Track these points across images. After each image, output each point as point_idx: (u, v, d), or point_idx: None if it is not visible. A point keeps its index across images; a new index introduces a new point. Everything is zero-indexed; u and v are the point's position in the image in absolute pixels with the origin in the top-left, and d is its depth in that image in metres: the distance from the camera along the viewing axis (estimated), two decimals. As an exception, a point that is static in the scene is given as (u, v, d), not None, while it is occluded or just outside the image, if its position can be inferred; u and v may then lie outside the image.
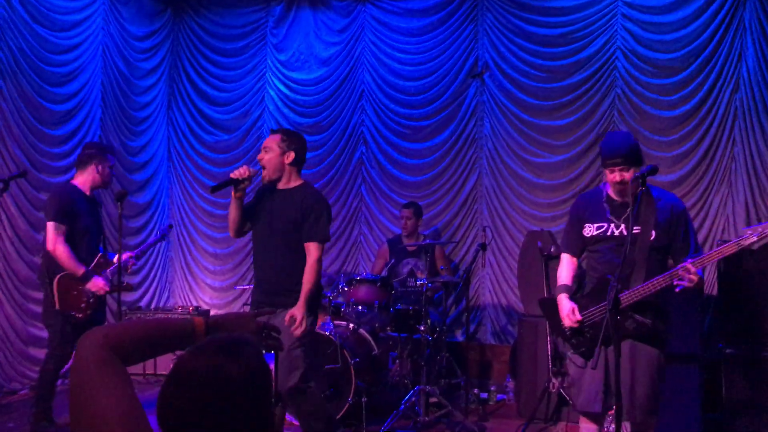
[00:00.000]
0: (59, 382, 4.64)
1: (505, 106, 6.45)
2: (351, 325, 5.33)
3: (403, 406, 4.84)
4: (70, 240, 4.43)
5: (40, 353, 5.82)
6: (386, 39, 6.93)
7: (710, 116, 5.81)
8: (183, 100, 7.68)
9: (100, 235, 4.73)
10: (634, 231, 3.31)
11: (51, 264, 4.41)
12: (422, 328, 5.08)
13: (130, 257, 4.78)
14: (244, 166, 3.78)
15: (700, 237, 5.77)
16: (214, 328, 1.66)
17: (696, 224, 5.80)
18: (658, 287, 3.33)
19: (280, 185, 3.91)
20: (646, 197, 3.35)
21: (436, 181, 6.71)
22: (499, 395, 5.73)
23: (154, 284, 7.45)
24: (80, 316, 4.44)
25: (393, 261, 5.85)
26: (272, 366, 3.68)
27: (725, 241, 3.60)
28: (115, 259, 4.63)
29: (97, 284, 4.47)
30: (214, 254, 7.51)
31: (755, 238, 3.21)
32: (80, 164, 4.65)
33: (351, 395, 4.73)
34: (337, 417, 4.73)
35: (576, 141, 6.23)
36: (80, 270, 4.41)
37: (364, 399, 4.79)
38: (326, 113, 7.14)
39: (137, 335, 1.52)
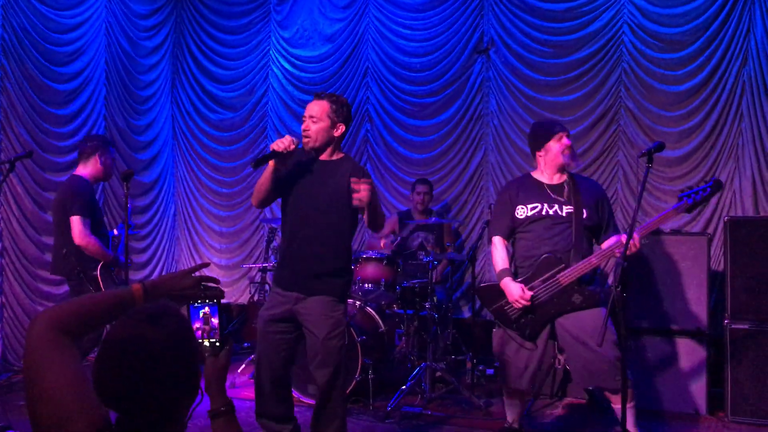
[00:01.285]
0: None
1: (511, 82, 6.40)
2: (357, 302, 5.35)
3: (409, 383, 4.88)
4: (92, 231, 4.49)
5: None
6: (391, 15, 6.87)
7: (717, 91, 5.76)
8: (187, 78, 7.66)
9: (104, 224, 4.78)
10: (568, 211, 3.67)
11: (81, 258, 4.42)
12: (428, 305, 5.10)
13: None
14: (288, 137, 3.37)
15: (707, 213, 5.76)
16: (153, 292, 1.74)
17: (702, 200, 5.78)
18: (599, 261, 3.59)
19: (323, 156, 3.56)
20: (574, 179, 3.75)
21: (441, 158, 6.69)
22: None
23: (161, 263, 7.49)
24: None
25: (401, 237, 5.84)
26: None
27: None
28: (115, 232, 4.70)
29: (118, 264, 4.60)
30: (220, 233, 7.53)
31: (690, 203, 3.42)
32: (83, 156, 4.64)
33: (358, 372, 4.77)
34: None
35: (582, 117, 6.19)
36: (110, 256, 4.52)
37: (371, 375, 4.82)
38: (331, 90, 7.08)
39: (80, 311, 1.59)
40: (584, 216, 3.68)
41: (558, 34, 6.27)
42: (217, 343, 1.78)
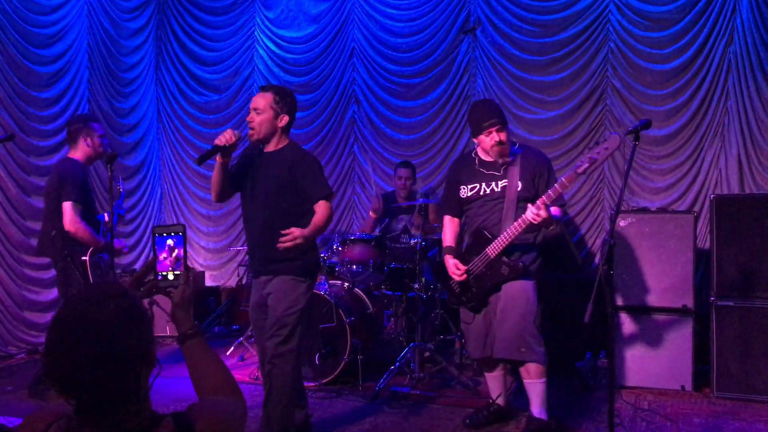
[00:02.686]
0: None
1: (498, 61, 6.38)
2: (346, 284, 5.35)
3: (398, 363, 4.89)
4: (84, 217, 4.44)
5: (36, 317, 5.85)
6: (377, -6, 6.82)
7: (704, 69, 5.76)
8: (171, 60, 7.57)
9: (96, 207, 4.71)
10: (502, 185, 3.75)
11: (68, 243, 4.37)
12: (416, 286, 5.10)
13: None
14: (230, 131, 3.47)
15: (693, 191, 5.79)
16: None
17: (689, 179, 5.81)
18: (517, 231, 3.62)
19: (269, 147, 3.65)
20: (517, 153, 3.78)
21: (429, 139, 6.67)
22: (493, 351, 5.77)
23: (148, 247, 7.44)
24: None
25: (387, 220, 5.83)
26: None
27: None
28: (106, 217, 4.65)
29: (118, 246, 4.60)
30: (207, 216, 7.50)
31: (587, 165, 3.43)
32: (70, 141, 4.57)
33: (347, 353, 4.78)
34: (334, 374, 4.79)
35: (569, 97, 6.19)
36: (100, 242, 4.50)
37: (359, 356, 4.83)
38: (317, 71, 7.06)
39: None
40: (519, 188, 3.72)
41: (544, 13, 6.24)
42: (180, 273, 1.79)
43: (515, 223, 3.63)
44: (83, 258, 4.44)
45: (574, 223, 6.15)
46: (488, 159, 3.87)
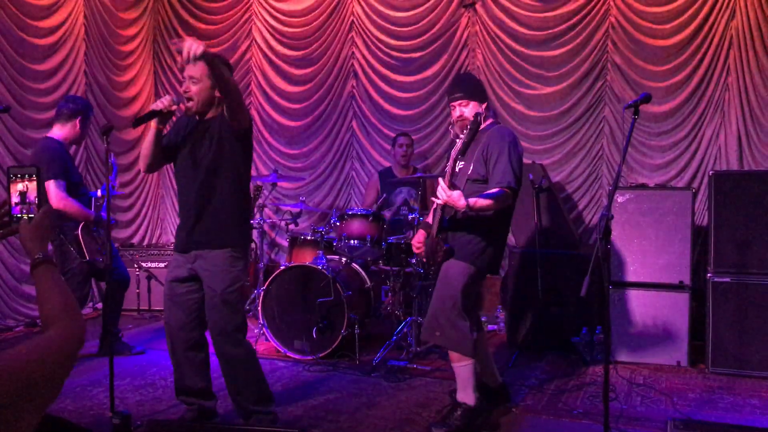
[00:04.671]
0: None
1: (498, 36, 6.32)
2: (343, 259, 5.36)
3: (395, 338, 4.91)
4: (71, 192, 4.48)
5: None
6: (376, -33, 6.74)
7: (705, 45, 5.72)
8: (168, 32, 7.50)
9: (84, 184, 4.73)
10: (460, 166, 3.63)
11: (57, 220, 4.40)
12: (413, 261, 5.10)
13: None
14: (168, 97, 3.31)
15: (692, 168, 5.77)
16: None
17: (687, 155, 5.80)
18: (437, 212, 3.57)
19: (204, 117, 3.45)
20: (474, 133, 3.52)
21: (427, 115, 6.63)
22: (490, 326, 5.81)
23: (146, 221, 7.45)
24: (102, 260, 4.56)
25: (384, 195, 5.82)
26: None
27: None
28: (99, 193, 4.66)
29: (102, 219, 4.59)
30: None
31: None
32: (61, 117, 4.56)
33: (344, 327, 4.79)
34: (331, 348, 4.81)
35: (569, 72, 6.14)
36: (91, 215, 4.53)
37: (356, 331, 4.85)
38: (315, 45, 7.00)
39: None
40: (470, 171, 3.61)
41: (545, -13, 6.18)
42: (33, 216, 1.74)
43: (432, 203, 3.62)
44: (75, 233, 4.46)
45: (572, 200, 6.14)
46: (458, 138, 3.69)
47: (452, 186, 3.48)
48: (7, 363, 1.25)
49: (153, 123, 3.33)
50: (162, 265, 6.55)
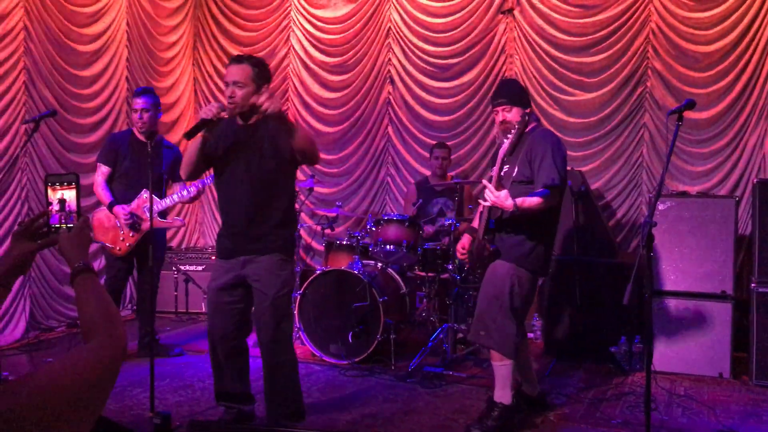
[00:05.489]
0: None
1: (536, 42, 6.29)
2: (379, 264, 5.36)
3: (431, 343, 4.90)
4: (111, 181, 4.89)
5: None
6: (414, -26, 6.76)
7: (749, 51, 5.61)
8: (208, 39, 7.61)
9: (144, 177, 4.64)
10: (504, 169, 3.67)
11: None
12: (450, 267, 5.09)
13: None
14: (215, 104, 3.30)
15: (734, 176, 5.67)
16: (3, 276, 1.67)
17: (730, 163, 5.69)
18: (484, 214, 3.66)
19: (245, 121, 3.46)
20: (521, 133, 3.64)
21: (464, 121, 6.61)
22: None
23: (184, 225, 7.53)
24: (116, 246, 4.84)
25: (421, 201, 5.81)
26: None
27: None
28: (144, 195, 4.82)
29: (117, 212, 4.78)
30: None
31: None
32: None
33: (380, 332, 4.79)
34: (367, 353, 4.82)
35: (608, 79, 6.08)
36: (107, 200, 4.82)
37: (392, 336, 4.85)
38: (352, 52, 7.04)
39: None
40: (514, 173, 3.63)
41: (585, -7, 6.13)
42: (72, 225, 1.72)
43: (480, 204, 3.68)
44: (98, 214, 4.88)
45: (611, 207, 6.07)
46: (502, 141, 3.77)
47: (499, 188, 3.51)
48: (53, 377, 1.23)
49: (201, 133, 3.34)
50: (200, 268, 6.63)
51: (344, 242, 5.59)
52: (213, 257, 6.63)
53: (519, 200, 3.43)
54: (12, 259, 1.70)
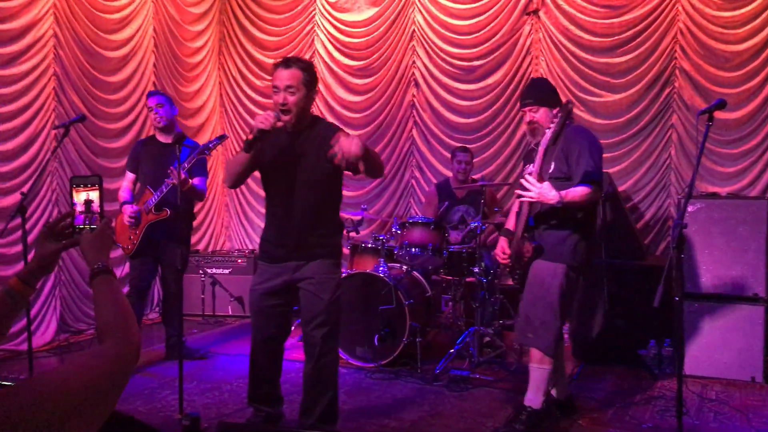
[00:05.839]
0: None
1: (562, 43, 6.24)
2: (404, 267, 5.35)
3: (457, 347, 4.87)
4: (142, 183, 4.95)
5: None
6: (438, -24, 6.75)
7: (780, 49, 5.53)
8: (233, 44, 7.68)
9: (164, 177, 4.68)
10: (537, 166, 3.62)
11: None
12: (476, 270, 5.06)
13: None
14: (270, 113, 3.22)
15: (766, 177, 5.57)
16: (29, 275, 1.70)
17: (761, 164, 5.61)
18: (524, 210, 3.61)
19: (298, 127, 3.39)
20: (563, 124, 3.61)
21: (489, 123, 6.58)
22: (553, 337, 5.71)
23: (211, 228, 7.60)
24: (125, 246, 4.91)
25: (447, 203, 5.78)
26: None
27: None
28: (146, 199, 4.82)
29: (123, 210, 4.84)
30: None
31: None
32: None
33: (405, 335, 4.78)
34: (393, 356, 4.81)
35: (635, 80, 6.02)
36: (121, 201, 4.92)
37: (418, 339, 4.83)
38: (376, 55, 7.05)
39: None
40: (551, 170, 3.59)
41: (610, -7, 6.08)
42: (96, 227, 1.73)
43: (519, 201, 3.64)
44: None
45: (639, 209, 6.00)
46: (533, 139, 3.80)
47: (540, 181, 3.50)
48: (56, 381, 1.22)
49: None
50: (227, 271, 6.67)
51: (369, 245, 5.58)
52: (239, 260, 6.70)
53: (563, 192, 3.41)
54: (38, 259, 1.72)
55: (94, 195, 1.75)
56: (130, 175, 5.03)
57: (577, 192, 3.44)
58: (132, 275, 4.98)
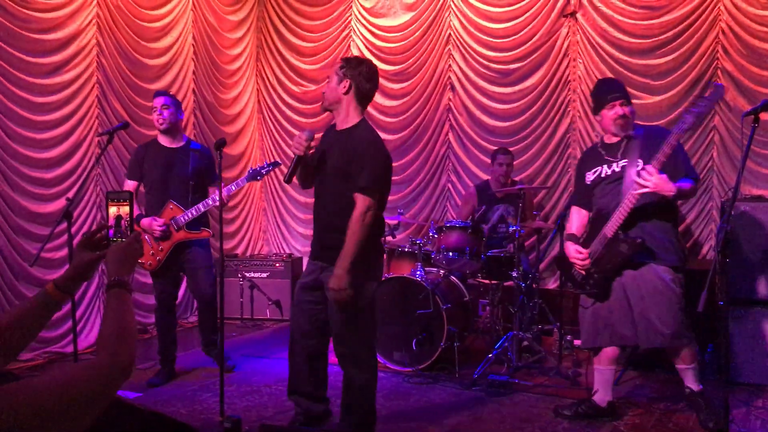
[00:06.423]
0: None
1: (600, 45, 6.17)
2: (441, 271, 5.34)
3: (495, 352, 4.85)
4: (146, 193, 4.74)
5: (144, 298, 6.14)
6: (474, -20, 6.74)
7: (827, 48, 5.39)
8: (270, 51, 7.77)
9: (174, 184, 4.65)
10: (622, 165, 3.68)
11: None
12: (515, 274, 5.03)
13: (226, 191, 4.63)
14: (302, 136, 3.39)
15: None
16: (64, 283, 1.75)
17: (806, 165, 5.47)
18: (631, 203, 3.53)
19: (339, 125, 3.51)
20: (637, 133, 3.72)
21: (526, 127, 6.54)
22: (592, 342, 5.65)
23: (249, 233, 7.69)
24: (147, 261, 4.67)
25: (484, 208, 5.76)
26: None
27: None
28: (170, 206, 4.64)
29: (148, 225, 4.58)
30: (305, 203, 7.64)
31: (692, 120, 3.47)
32: None
33: (443, 340, 4.77)
34: (430, 360, 4.80)
35: (676, 81, 5.92)
36: (135, 214, 4.64)
37: (456, 343, 4.82)
38: (412, 59, 7.06)
39: (10, 325, 1.61)
40: (639, 167, 3.58)
41: (650, -6, 5.99)
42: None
43: (629, 194, 3.55)
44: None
45: (681, 212, 5.89)
46: (610, 141, 3.84)
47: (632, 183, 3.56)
48: (40, 387, 1.26)
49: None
50: (264, 275, 6.74)
51: (406, 249, 5.59)
52: (277, 264, 6.79)
53: (678, 183, 3.45)
54: (74, 268, 1.78)
55: (124, 209, 1.83)
56: (131, 183, 4.74)
57: (686, 185, 3.51)
58: (157, 290, 4.84)
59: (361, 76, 3.44)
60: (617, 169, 3.73)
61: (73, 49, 5.66)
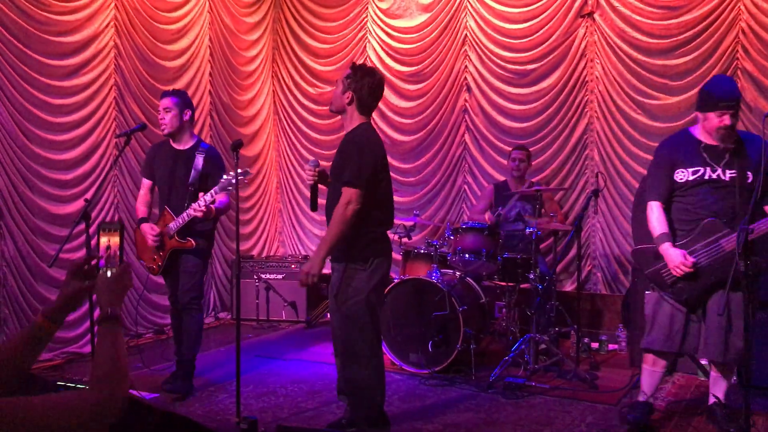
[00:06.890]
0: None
1: (618, 45, 6.12)
2: (458, 273, 5.32)
3: (512, 354, 4.81)
4: (159, 192, 4.59)
5: (161, 299, 6.17)
6: (490, -19, 6.71)
7: None
8: (286, 53, 7.78)
9: (175, 188, 4.49)
10: (730, 174, 3.49)
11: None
12: (532, 276, 4.99)
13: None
14: (308, 169, 3.80)
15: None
16: (52, 313, 1.75)
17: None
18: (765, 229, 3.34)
19: (344, 129, 3.67)
20: (739, 141, 3.52)
21: (543, 128, 6.49)
22: (611, 345, 5.61)
23: (264, 234, 7.70)
24: (150, 266, 4.56)
25: (501, 209, 5.73)
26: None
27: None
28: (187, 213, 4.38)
29: (144, 231, 4.46)
30: (321, 205, 7.62)
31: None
32: None
33: (459, 342, 4.75)
34: (447, 362, 4.78)
35: (695, 81, 5.84)
36: (138, 217, 4.58)
37: (472, 346, 4.80)
38: (428, 60, 7.04)
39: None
40: (749, 180, 3.46)
41: (668, -6, 5.94)
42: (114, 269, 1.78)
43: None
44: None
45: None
46: (712, 143, 3.59)
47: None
48: (27, 407, 1.29)
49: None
50: (280, 276, 6.75)
51: (422, 251, 5.57)
52: (293, 265, 6.79)
53: None
54: (62, 297, 1.78)
55: (114, 240, 1.82)
56: (146, 182, 4.65)
57: None
58: (168, 292, 4.73)
59: (364, 90, 3.53)
60: (725, 177, 3.53)
61: (91, 51, 5.70)
